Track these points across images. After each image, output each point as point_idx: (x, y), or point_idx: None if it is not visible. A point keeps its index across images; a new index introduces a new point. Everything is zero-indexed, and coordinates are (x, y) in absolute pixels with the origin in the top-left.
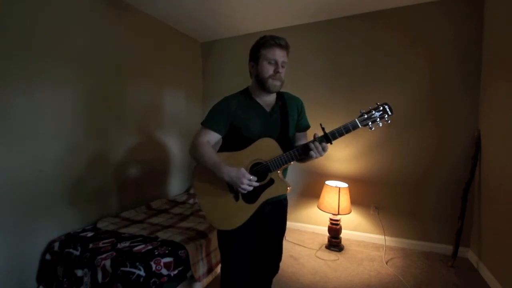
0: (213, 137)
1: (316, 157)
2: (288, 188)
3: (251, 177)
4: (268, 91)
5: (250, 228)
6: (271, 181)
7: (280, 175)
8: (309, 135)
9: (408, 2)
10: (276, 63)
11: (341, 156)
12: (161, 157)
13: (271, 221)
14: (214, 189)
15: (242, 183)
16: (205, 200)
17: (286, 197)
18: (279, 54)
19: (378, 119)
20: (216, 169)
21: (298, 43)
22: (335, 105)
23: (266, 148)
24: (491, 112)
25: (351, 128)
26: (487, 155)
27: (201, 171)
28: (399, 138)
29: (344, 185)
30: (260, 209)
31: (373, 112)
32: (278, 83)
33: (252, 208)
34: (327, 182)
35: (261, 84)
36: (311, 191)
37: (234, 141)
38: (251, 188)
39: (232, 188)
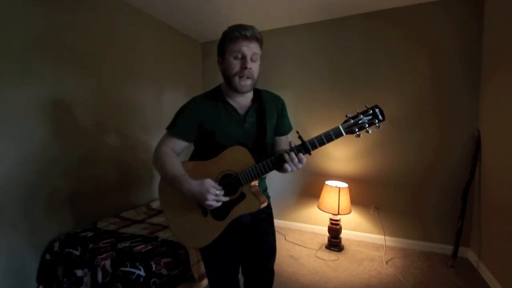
0: (178, 145)
1: (291, 171)
2: (262, 204)
3: (218, 192)
4: (235, 91)
5: (229, 241)
6: (242, 196)
7: (254, 189)
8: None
9: (408, 2)
10: (243, 57)
11: (341, 156)
12: None
13: (253, 231)
14: (180, 203)
15: (207, 199)
16: (172, 215)
17: (269, 204)
18: (246, 46)
19: (367, 125)
20: (177, 184)
21: (298, 43)
22: (335, 105)
23: (237, 158)
24: (491, 112)
25: (333, 136)
26: (487, 155)
27: (165, 182)
28: (399, 138)
29: (344, 185)
30: (237, 220)
31: (361, 117)
32: (247, 82)
33: (222, 225)
34: (327, 182)
35: (228, 84)
36: (311, 191)
37: (207, 147)
38: (218, 204)
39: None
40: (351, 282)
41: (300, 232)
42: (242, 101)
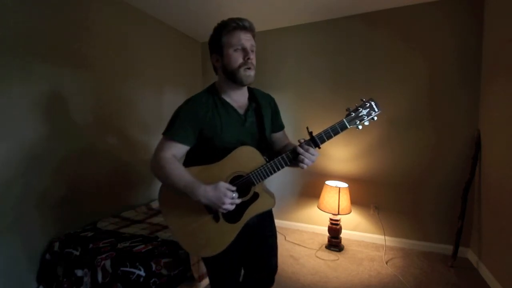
0: (179, 150)
1: (307, 165)
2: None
3: (234, 194)
4: (240, 84)
5: (238, 245)
6: (255, 196)
7: (264, 187)
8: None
9: (407, 2)
10: (244, 49)
11: (341, 156)
12: None
13: (258, 230)
14: (187, 210)
15: (224, 203)
16: (177, 225)
17: None
18: (245, 38)
19: (365, 118)
20: (189, 191)
21: (298, 43)
22: (334, 105)
23: (246, 158)
24: (491, 112)
25: (339, 129)
26: (487, 155)
27: (167, 190)
28: (399, 138)
29: (344, 185)
30: (245, 225)
31: (360, 110)
32: (252, 73)
33: (237, 228)
34: (327, 182)
35: (232, 77)
36: (311, 191)
37: (202, 152)
38: (233, 207)
39: (211, 208)
40: (351, 282)
41: (300, 232)
42: (240, 99)
